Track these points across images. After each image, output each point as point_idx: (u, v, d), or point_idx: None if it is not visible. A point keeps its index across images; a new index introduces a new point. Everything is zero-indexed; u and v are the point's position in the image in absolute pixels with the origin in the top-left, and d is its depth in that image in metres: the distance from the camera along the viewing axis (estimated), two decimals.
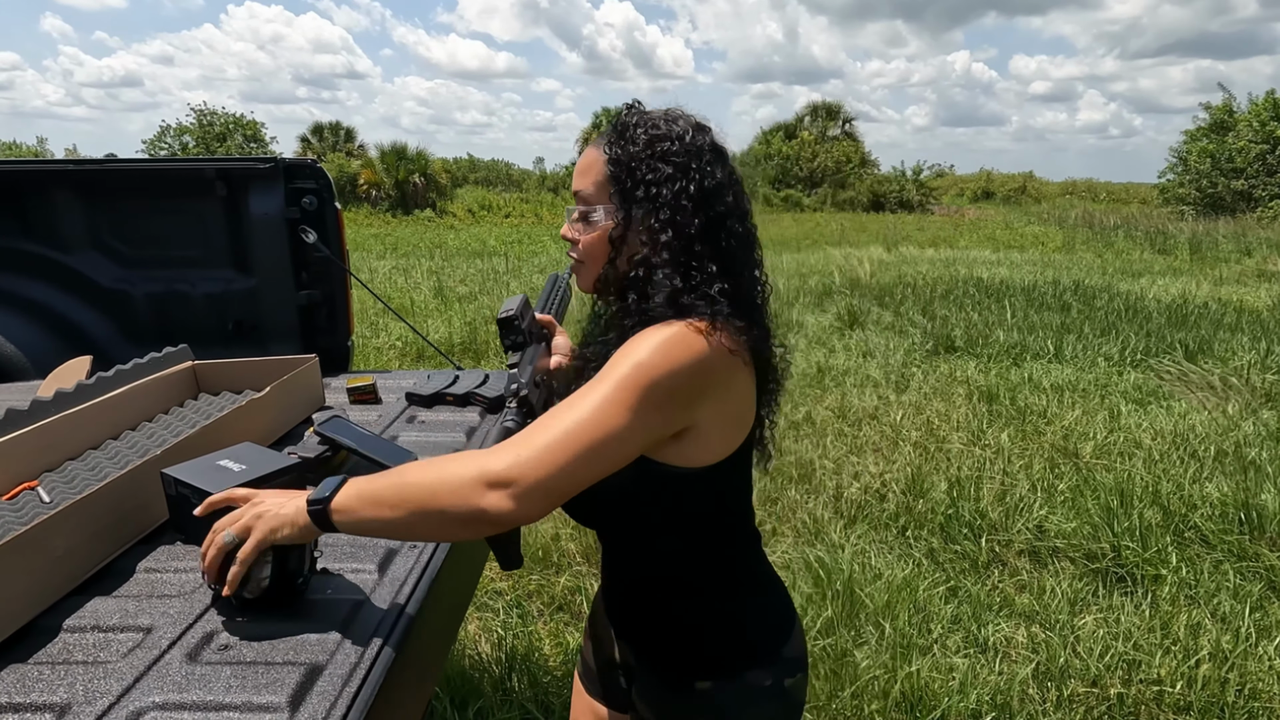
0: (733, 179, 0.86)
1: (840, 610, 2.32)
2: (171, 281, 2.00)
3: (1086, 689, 2.02)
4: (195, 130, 26.59)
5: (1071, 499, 3.09)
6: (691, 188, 0.81)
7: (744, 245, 0.86)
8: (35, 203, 1.95)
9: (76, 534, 0.91)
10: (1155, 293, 8.25)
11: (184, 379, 1.58)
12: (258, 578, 0.80)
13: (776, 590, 0.96)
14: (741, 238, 0.85)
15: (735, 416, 0.82)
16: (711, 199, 0.82)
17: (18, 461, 1.14)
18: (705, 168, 0.82)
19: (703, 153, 0.83)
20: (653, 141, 0.83)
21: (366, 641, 0.81)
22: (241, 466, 1.02)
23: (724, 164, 0.86)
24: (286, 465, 1.04)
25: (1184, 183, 20.56)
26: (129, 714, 0.71)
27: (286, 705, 0.72)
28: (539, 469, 0.70)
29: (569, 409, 0.73)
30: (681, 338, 0.75)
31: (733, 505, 0.90)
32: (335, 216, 1.91)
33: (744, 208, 0.87)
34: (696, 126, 0.85)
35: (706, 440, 0.80)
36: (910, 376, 4.99)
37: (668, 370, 0.74)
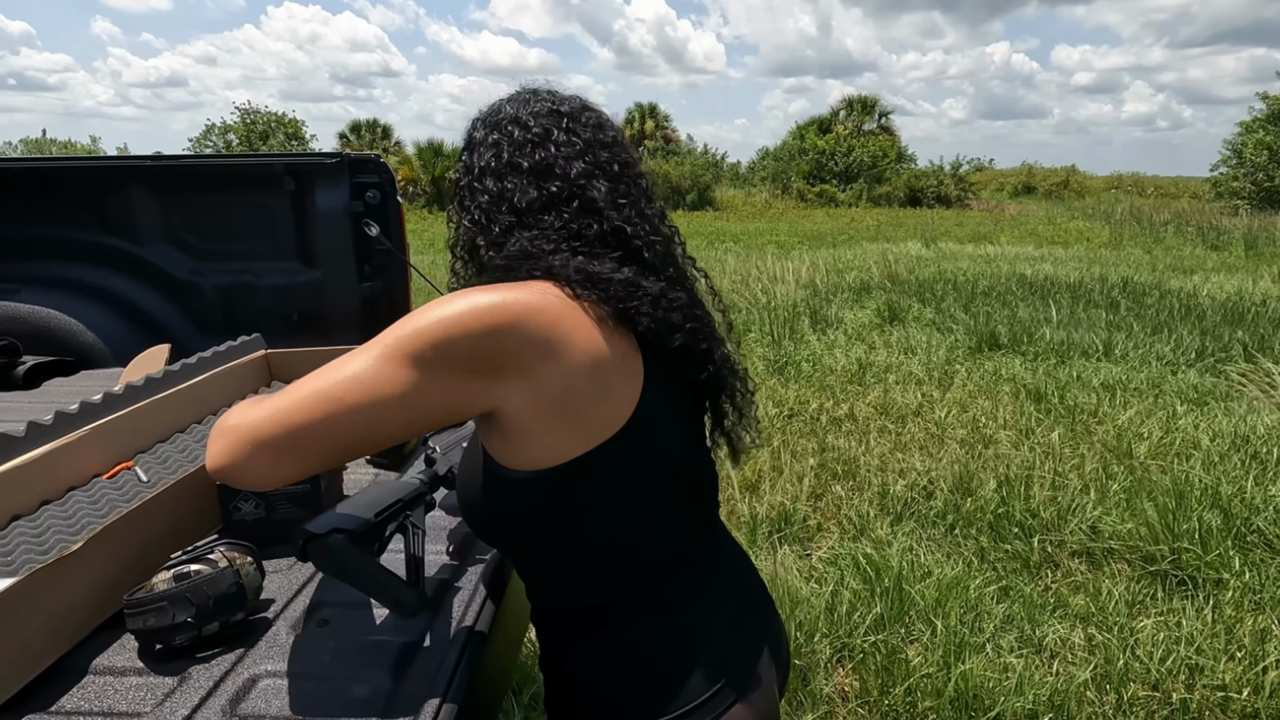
0: (538, 138, 0.77)
1: (890, 607, 2.31)
2: (240, 274, 2.07)
3: (1147, 693, 1.98)
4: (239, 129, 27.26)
5: (1126, 500, 3.02)
6: (504, 155, 0.77)
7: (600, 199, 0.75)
8: (113, 198, 2.03)
9: (176, 511, 0.95)
10: (1209, 290, 7.97)
11: (258, 366, 1.64)
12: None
13: (674, 657, 0.75)
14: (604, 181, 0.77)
15: (563, 404, 0.66)
16: (523, 158, 0.76)
17: (115, 443, 1.20)
18: (489, 145, 0.78)
19: (506, 121, 0.79)
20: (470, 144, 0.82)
21: (459, 620, 0.84)
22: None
23: (548, 117, 0.79)
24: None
25: (1238, 176, 19.80)
26: (245, 680, 0.75)
27: (389, 676, 0.75)
28: (268, 424, 0.64)
29: (317, 371, 0.67)
30: (468, 295, 0.65)
31: (600, 530, 0.72)
32: (397, 210, 1.96)
33: (597, 160, 0.77)
34: (497, 109, 0.82)
35: (524, 431, 0.67)
36: (954, 374, 4.91)
37: (440, 325, 0.64)
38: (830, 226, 16.99)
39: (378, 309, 2.02)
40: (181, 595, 0.76)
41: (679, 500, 0.79)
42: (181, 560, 0.80)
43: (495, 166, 0.77)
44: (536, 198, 0.75)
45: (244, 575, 0.81)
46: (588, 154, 0.77)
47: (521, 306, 0.65)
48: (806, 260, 9.83)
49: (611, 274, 0.70)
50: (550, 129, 0.78)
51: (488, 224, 0.76)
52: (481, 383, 0.65)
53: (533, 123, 0.78)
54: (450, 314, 0.64)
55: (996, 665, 2.08)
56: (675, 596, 0.77)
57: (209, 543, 0.83)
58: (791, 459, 3.49)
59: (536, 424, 0.66)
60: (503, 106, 0.81)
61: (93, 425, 1.16)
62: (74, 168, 2.03)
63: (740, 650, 0.80)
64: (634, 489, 0.73)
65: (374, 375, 0.63)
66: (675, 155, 25.84)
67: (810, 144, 26.77)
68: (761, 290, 7.65)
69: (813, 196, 24.32)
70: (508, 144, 0.78)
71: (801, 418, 4.10)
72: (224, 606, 0.79)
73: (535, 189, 0.75)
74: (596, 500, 0.71)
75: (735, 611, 0.82)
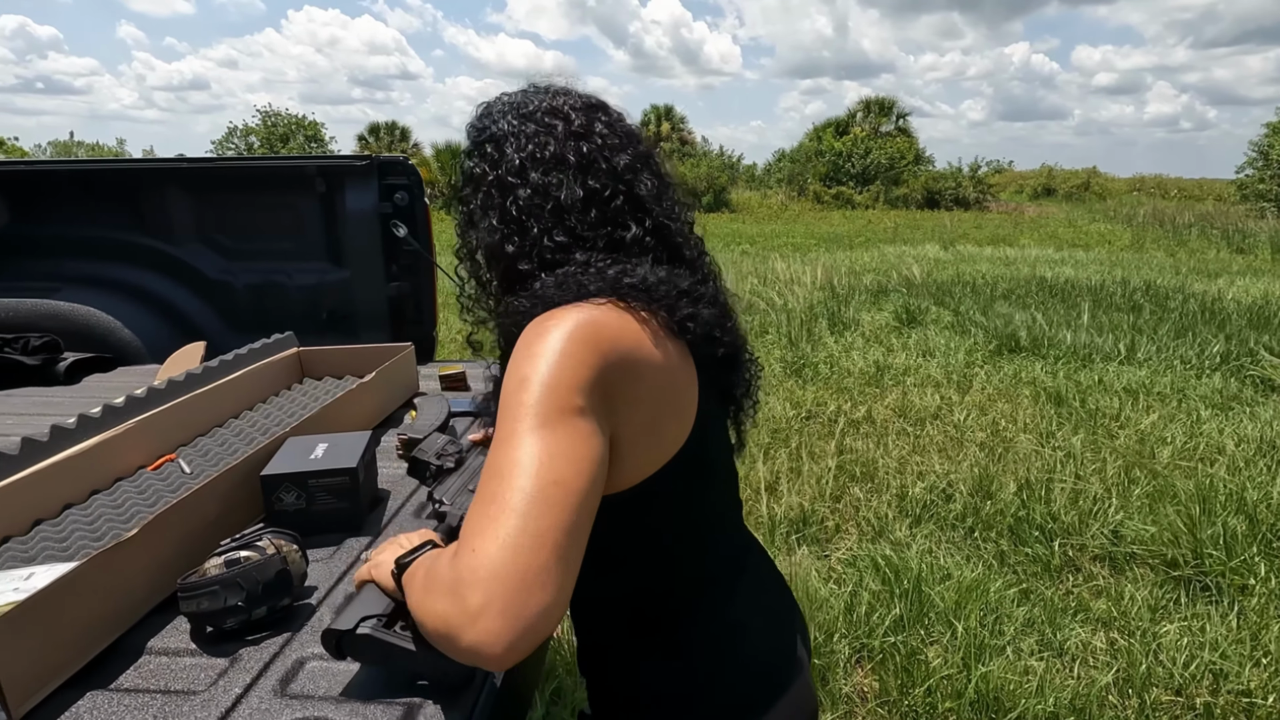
0: (583, 130, 0.74)
1: (910, 609, 2.31)
2: (270, 273, 2.12)
3: (1170, 698, 1.97)
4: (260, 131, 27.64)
5: (1149, 505, 2.99)
6: (517, 157, 0.72)
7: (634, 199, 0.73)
8: (150, 199, 2.09)
9: (224, 501, 0.98)
10: (1234, 294, 7.85)
11: (290, 364, 1.68)
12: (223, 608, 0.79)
13: (728, 660, 0.75)
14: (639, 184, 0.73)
15: (649, 425, 0.66)
16: (569, 151, 0.72)
17: (158, 436, 1.24)
18: (523, 137, 0.73)
19: (542, 113, 0.75)
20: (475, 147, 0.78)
21: None
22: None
23: (562, 118, 0.74)
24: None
25: (1264, 178, 19.44)
26: (293, 662, 0.78)
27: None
28: (515, 552, 0.52)
29: (495, 479, 0.56)
30: (555, 327, 0.61)
31: (666, 541, 0.73)
32: (424, 211, 1.99)
33: (616, 163, 0.73)
34: (523, 100, 0.77)
35: (615, 458, 0.63)
36: (973, 376, 4.88)
37: (558, 368, 0.59)
38: (847, 228, 16.91)
39: (404, 308, 2.06)
40: (233, 580, 0.79)
41: (723, 502, 0.80)
42: (231, 547, 0.83)
43: (541, 158, 0.71)
44: (583, 195, 0.70)
45: (290, 562, 0.84)
46: (628, 148, 0.75)
47: (611, 330, 0.62)
48: (823, 261, 9.80)
49: (661, 282, 0.68)
50: (592, 122, 0.74)
51: (525, 224, 0.71)
52: (604, 415, 0.61)
53: (574, 115, 0.74)
54: (558, 351, 0.59)
55: (1017, 668, 2.07)
56: (723, 598, 0.77)
57: (256, 531, 0.86)
58: (810, 460, 3.49)
59: (626, 449, 0.64)
60: (529, 98, 0.76)
61: (138, 419, 1.20)
62: (112, 170, 2.09)
63: (783, 644, 0.82)
64: (696, 497, 0.73)
65: (555, 447, 0.56)
66: (691, 157, 25.85)
67: (827, 145, 26.66)
68: (778, 292, 7.64)
69: (829, 198, 24.22)
70: (549, 136, 0.72)
71: (819, 419, 4.10)
72: (272, 592, 0.82)
73: (581, 185, 0.71)
74: (666, 512, 0.70)
75: (771, 605, 0.84)
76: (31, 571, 0.85)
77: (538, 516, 0.53)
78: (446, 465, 1.03)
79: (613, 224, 0.71)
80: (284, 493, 1.02)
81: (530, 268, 0.70)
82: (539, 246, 0.70)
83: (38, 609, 0.70)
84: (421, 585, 0.59)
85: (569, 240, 0.70)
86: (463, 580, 0.52)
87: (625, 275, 0.67)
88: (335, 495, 1.03)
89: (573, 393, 0.58)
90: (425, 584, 0.58)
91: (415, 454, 1.04)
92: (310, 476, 1.02)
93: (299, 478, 1.02)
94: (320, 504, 1.03)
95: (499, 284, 0.76)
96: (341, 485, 1.03)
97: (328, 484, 1.03)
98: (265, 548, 0.83)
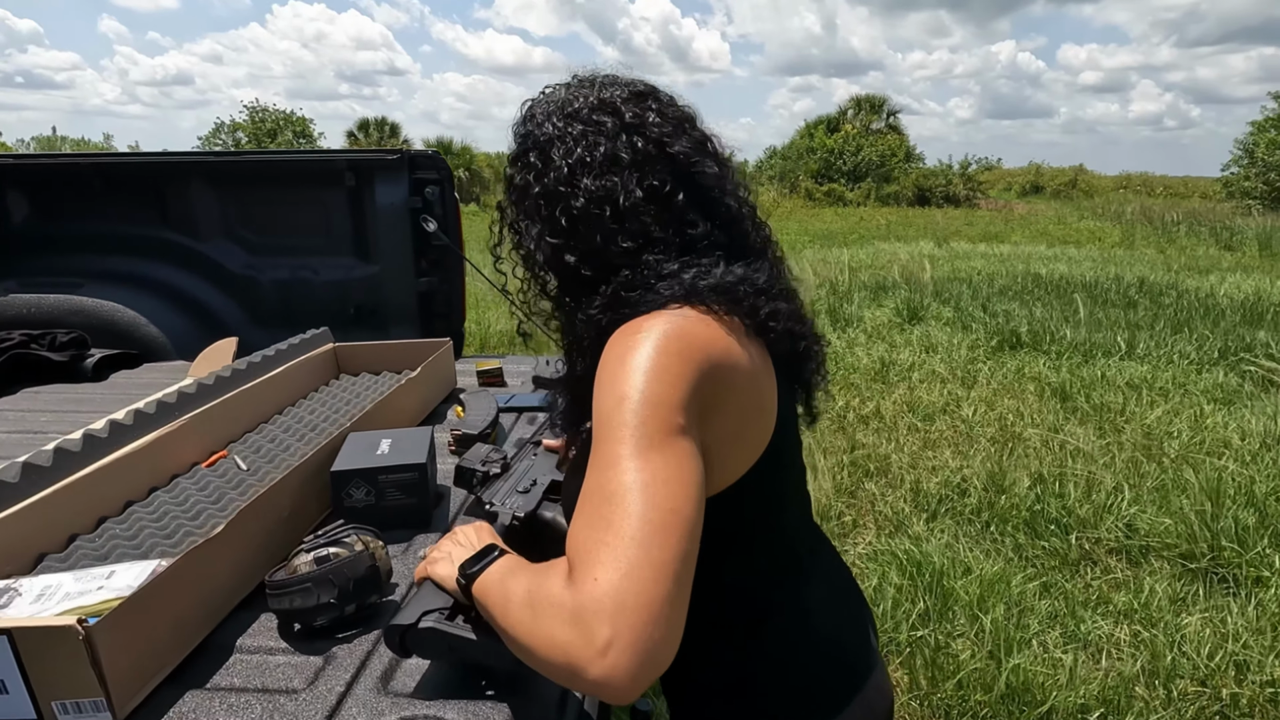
0: (635, 122, 0.69)
1: (935, 603, 2.32)
2: (297, 268, 2.09)
3: (1196, 689, 1.99)
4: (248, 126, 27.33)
5: (1160, 498, 3.03)
6: (565, 163, 0.68)
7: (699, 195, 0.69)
8: (174, 193, 2.05)
9: (294, 497, 0.97)
10: (1226, 290, 7.95)
11: (327, 360, 1.66)
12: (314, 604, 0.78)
13: (815, 654, 0.75)
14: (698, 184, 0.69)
15: (738, 432, 0.65)
16: (623, 149, 0.67)
17: (211, 432, 1.22)
18: (572, 139, 0.69)
19: (589, 109, 0.70)
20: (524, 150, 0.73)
21: None
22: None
23: (614, 113, 0.69)
24: None
25: (1250, 176, 19.71)
26: (390, 660, 0.77)
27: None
28: (638, 581, 0.50)
29: (606, 503, 0.53)
30: (644, 340, 0.59)
31: (753, 541, 0.72)
32: (454, 207, 1.98)
33: (682, 153, 0.69)
34: (569, 97, 0.72)
35: (709, 465, 0.61)
36: (976, 372, 4.91)
37: (657, 384, 0.57)
38: (840, 226, 16.97)
39: (434, 304, 2.04)
40: (324, 577, 0.78)
41: (799, 496, 0.79)
42: (319, 544, 0.82)
43: (592, 161, 0.67)
44: (643, 195, 0.66)
45: (378, 559, 0.83)
46: (684, 134, 0.70)
47: (701, 340, 0.60)
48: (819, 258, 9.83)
49: (740, 281, 0.66)
50: (644, 111, 0.69)
51: (584, 233, 0.66)
52: (699, 430, 0.59)
53: (624, 107, 0.69)
54: (654, 367, 0.57)
55: (1044, 660, 2.09)
56: (801, 591, 0.76)
57: (336, 528, 0.85)
58: (823, 456, 3.50)
59: (715, 459, 0.62)
60: (574, 94, 0.72)
61: (192, 415, 1.18)
62: (136, 163, 2.05)
63: (858, 636, 0.82)
64: (776, 494, 0.72)
65: (665, 472, 0.54)
66: None
67: (819, 143, 26.74)
68: None
69: (821, 196, 24.29)
70: (599, 135, 0.68)
71: (828, 415, 4.11)
72: (362, 588, 0.81)
73: (640, 185, 0.66)
74: (750, 512, 0.70)
75: (844, 597, 0.84)
76: (112, 570, 0.83)
77: (660, 547, 0.51)
78: (493, 471, 1.02)
79: (679, 222, 0.68)
80: (354, 488, 1.01)
81: (595, 275, 0.67)
82: (603, 254, 0.67)
83: (136, 607, 0.69)
84: (525, 606, 0.55)
85: (634, 245, 0.66)
86: (586, 610, 0.49)
87: (701, 277, 0.64)
88: (404, 491, 1.02)
89: (675, 411, 0.57)
90: (533, 607, 0.54)
91: (461, 463, 1.03)
92: (380, 472, 1.01)
93: (369, 473, 1.00)
94: (390, 499, 1.02)
95: (560, 290, 0.73)
96: (411, 481, 1.02)
97: (397, 479, 1.02)
98: (354, 544, 0.82)
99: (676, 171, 0.68)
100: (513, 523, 0.88)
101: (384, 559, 0.84)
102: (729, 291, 0.64)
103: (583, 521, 0.54)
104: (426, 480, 1.03)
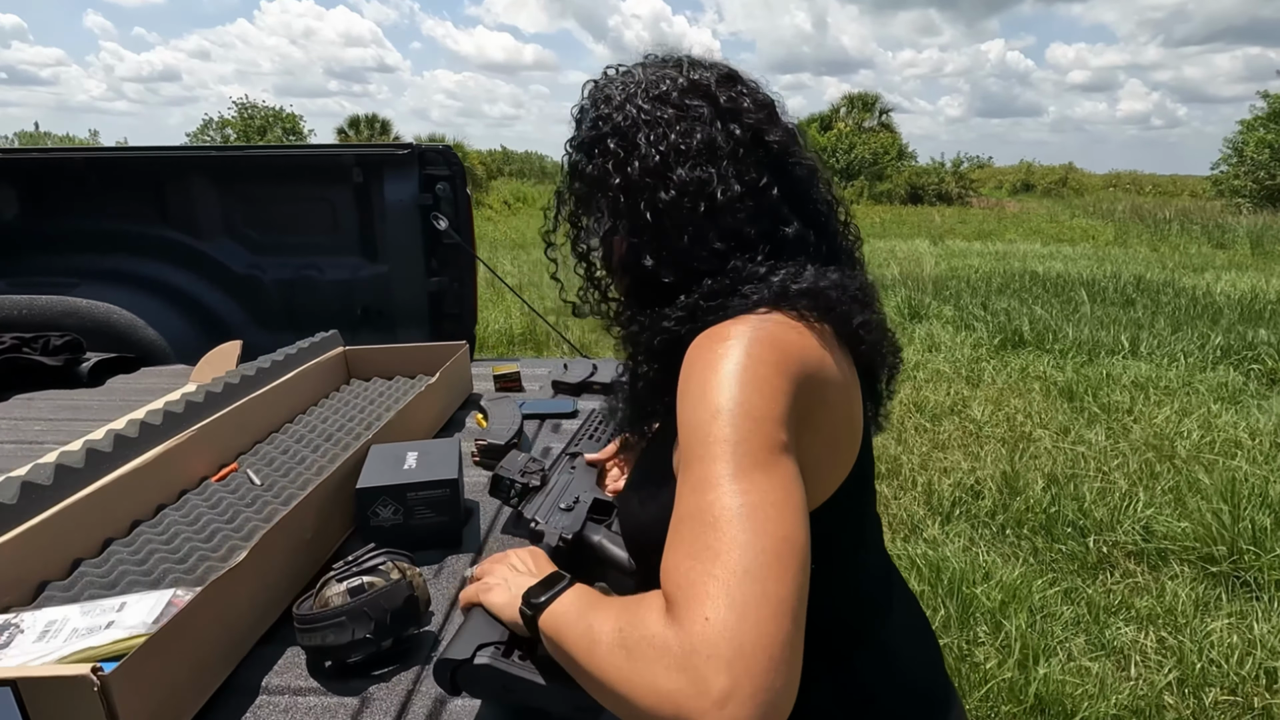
0: (731, 108, 0.64)
1: (958, 609, 2.27)
2: (301, 268, 2.01)
3: (1227, 697, 1.95)
4: (237, 123, 27.05)
5: (1174, 499, 2.99)
6: (655, 151, 0.62)
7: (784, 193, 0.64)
8: (172, 189, 1.97)
9: (317, 517, 0.90)
10: (1222, 288, 7.97)
11: (337, 365, 1.59)
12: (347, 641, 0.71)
13: (901, 679, 0.71)
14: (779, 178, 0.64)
15: (832, 444, 0.60)
16: (720, 136, 0.62)
17: (220, 444, 1.15)
18: (661, 124, 0.63)
19: (678, 92, 0.64)
20: (599, 122, 0.65)
21: None
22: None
23: (708, 99, 0.64)
24: None
25: (1239, 174, 19.84)
26: (433, 700, 0.70)
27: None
28: (758, 623, 0.44)
29: (709, 529, 0.47)
30: (736, 348, 0.54)
31: (842, 561, 0.66)
32: (466, 203, 1.90)
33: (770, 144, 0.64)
34: (656, 77, 0.65)
35: (809, 482, 0.56)
36: (981, 371, 4.88)
37: (756, 397, 0.52)
38: None
39: (445, 304, 1.97)
40: (360, 610, 0.72)
41: (875, 518, 0.74)
42: (352, 572, 0.75)
43: (687, 150, 0.61)
44: (740, 190, 0.61)
45: (416, 587, 0.76)
46: (775, 124, 0.65)
47: (796, 349, 0.55)
48: None
49: (833, 286, 0.61)
50: (738, 98, 0.64)
51: (671, 231, 0.61)
52: (797, 447, 0.53)
53: (717, 91, 0.63)
54: (750, 378, 0.52)
55: (1072, 670, 2.04)
56: (881, 619, 0.71)
57: (367, 553, 0.78)
58: None
59: (808, 478, 0.56)
60: (661, 75, 0.65)
61: (200, 425, 1.11)
62: (133, 158, 1.96)
63: (934, 666, 0.78)
64: (864, 514, 0.68)
65: (773, 495, 0.49)
66: None
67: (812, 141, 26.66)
68: None
69: None
70: (695, 120, 0.62)
71: None
72: (400, 621, 0.74)
73: (738, 178, 0.61)
74: (844, 535, 0.64)
75: (918, 625, 0.79)
76: (122, 601, 0.76)
77: (776, 581, 0.45)
78: (532, 484, 0.96)
79: (771, 219, 0.62)
80: (381, 507, 0.94)
81: (676, 279, 0.61)
82: (687, 257, 0.61)
83: (155, 650, 0.62)
84: (617, 648, 0.48)
85: (724, 247, 0.60)
86: (698, 655, 0.43)
87: (792, 280, 0.59)
88: (434, 508, 0.95)
89: (776, 426, 0.51)
90: (628, 650, 0.47)
91: (498, 472, 0.96)
92: (409, 489, 0.94)
93: (397, 490, 0.93)
94: (419, 518, 0.95)
95: (629, 294, 0.68)
96: (441, 498, 0.95)
97: (426, 496, 0.95)
98: (389, 571, 0.75)
99: (771, 164, 0.63)
100: (559, 544, 0.82)
101: (422, 587, 0.77)
102: (822, 297, 0.59)
103: (683, 551, 0.48)
104: (458, 496, 0.96)
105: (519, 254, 11.05)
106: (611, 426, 0.85)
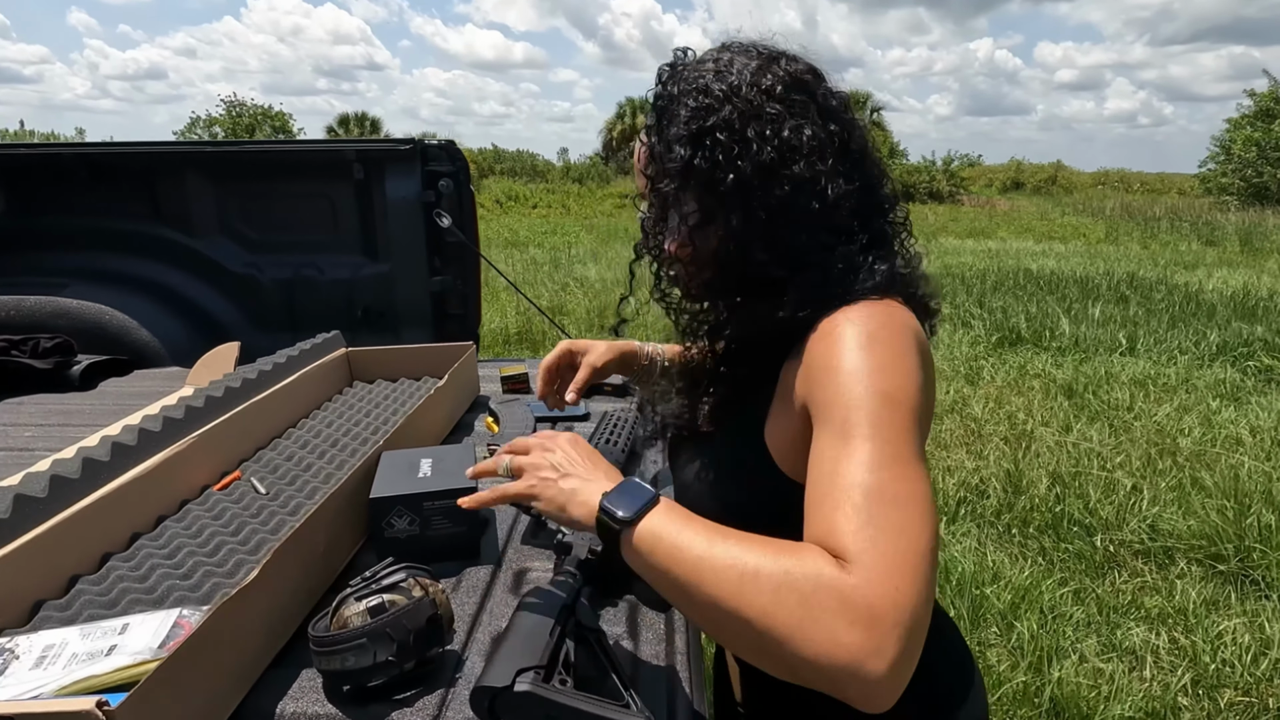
0: (830, 105, 0.65)
1: (969, 609, 2.25)
2: (300, 267, 1.96)
3: (1242, 698, 1.93)
4: (225, 121, 26.81)
5: (1179, 498, 2.98)
6: (768, 148, 0.61)
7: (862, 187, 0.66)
8: (166, 186, 1.91)
9: (329, 529, 0.86)
10: (1215, 285, 8.02)
11: (340, 367, 1.54)
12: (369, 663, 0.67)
13: (950, 632, 0.81)
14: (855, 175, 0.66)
15: (924, 429, 0.61)
16: (824, 133, 0.63)
17: (221, 451, 1.10)
18: (771, 120, 0.62)
19: (783, 85, 0.63)
20: (697, 115, 0.63)
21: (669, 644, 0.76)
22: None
23: (808, 94, 0.65)
24: None
25: (1227, 172, 20.01)
26: None
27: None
28: (910, 586, 0.47)
29: (897, 508, 0.50)
30: (872, 331, 0.58)
31: None
32: (470, 201, 1.85)
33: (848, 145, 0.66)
34: (757, 69, 0.65)
35: None
36: (980, 369, 4.87)
37: (904, 378, 0.56)
38: None
39: (448, 304, 1.92)
40: (381, 631, 0.67)
41: None
42: (370, 589, 0.70)
43: (799, 146, 0.61)
44: (846, 186, 0.63)
45: (439, 605, 0.72)
46: (856, 122, 0.68)
47: (921, 336, 0.61)
48: None
49: (919, 277, 0.68)
50: (828, 95, 0.66)
51: (784, 228, 0.62)
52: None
53: (815, 86, 0.65)
54: (905, 366, 0.56)
55: (1086, 671, 2.02)
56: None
57: (385, 567, 0.74)
58: None
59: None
60: (764, 68, 0.64)
61: (201, 431, 1.06)
62: (125, 154, 1.90)
63: (960, 637, 0.84)
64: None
65: (926, 483, 0.53)
66: None
67: None
68: None
69: None
70: (802, 117, 0.62)
71: None
72: (425, 641, 0.69)
73: (845, 175, 0.64)
74: None
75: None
76: (124, 623, 0.71)
77: (933, 568, 0.50)
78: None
79: (873, 214, 0.66)
80: (396, 517, 0.89)
81: (784, 274, 0.63)
82: (805, 249, 0.63)
83: (165, 678, 0.57)
84: (785, 589, 0.47)
85: (834, 240, 0.63)
86: (887, 619, 0.45)
87: (897, 269, 0.64)
88: (452, 518, 0.91)
89: (926, 417, 0.57)
90: (800, 593, 0.47)
91: None
92: (426, 498, 0.89)
93: (413, 500, 0.89)
94: (435, 529, 0.91)
95: (708, 286, 0.69)
96: (459, 507, 0.91)
97: (444, 506, 0.90)
98: (410, 589, 0.71)
99: (865, 161, 0.67)
100: (588, 556, 0.77)
101: (445, 604, 0.73)
102: (912, 283, 0.66)
103: (862, 519, 0.49)
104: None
105: (513, 252, 10.99)
106: (651, 426, 0.87)
